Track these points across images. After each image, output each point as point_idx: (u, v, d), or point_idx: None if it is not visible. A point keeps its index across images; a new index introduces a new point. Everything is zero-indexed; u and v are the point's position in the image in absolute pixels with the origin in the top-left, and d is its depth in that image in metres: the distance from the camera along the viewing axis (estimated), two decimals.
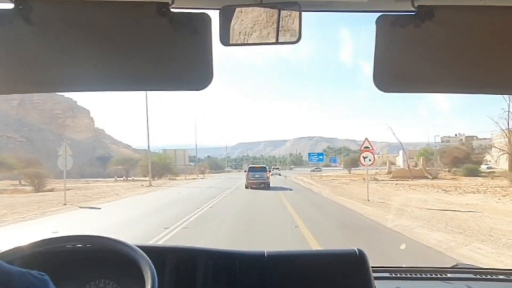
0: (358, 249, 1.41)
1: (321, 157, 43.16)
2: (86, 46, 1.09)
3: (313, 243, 8.19)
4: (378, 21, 1.11)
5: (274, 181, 30.09)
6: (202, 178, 49.48)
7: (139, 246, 1.20)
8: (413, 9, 1.10)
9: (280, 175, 51.67)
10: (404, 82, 1.15)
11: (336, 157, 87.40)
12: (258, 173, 26.27)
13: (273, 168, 56.43)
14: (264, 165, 30.74)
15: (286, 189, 25.16)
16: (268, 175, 26.85)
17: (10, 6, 1.06)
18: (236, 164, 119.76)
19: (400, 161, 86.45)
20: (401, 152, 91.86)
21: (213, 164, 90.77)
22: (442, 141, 65.60)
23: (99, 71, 1.11)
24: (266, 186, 25.49)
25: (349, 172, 57.37)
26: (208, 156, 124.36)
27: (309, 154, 45.08)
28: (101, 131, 79.86)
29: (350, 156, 70.95)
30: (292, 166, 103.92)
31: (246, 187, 25.37)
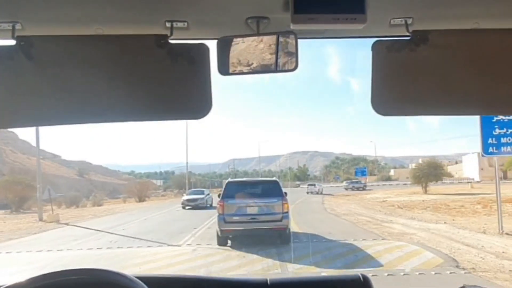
0: (362, 275, 1.40)
1: None
2: (87, 80, 1.11)
3: None
4: (374, 46, 1.12)
5: None
6: None
7: (140, 277, 1.19)
8: (407, 34, 1.12)
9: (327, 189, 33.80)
10: (402, 106, 1.17)
11: (365, 168, 61.24)
12: (254, 201, 10.73)
13: (309, 185, 38.03)
14: (274, 178, 14.17)
15: None
16: (285, 207, 10.70)
17: (12, 42, 1.08)
18: (222, 181, 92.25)
19: (472, 170, 59.12)
20: (470, 157, 63.80)
21: (181, 183, 62.00)
22: None
23: (101, 103, 1.12)
24: (284, 239, 10.78)
25: (425, 191, 31.32)
26: (190, 172, 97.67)
27: None
28: (11, 134, 53.16)
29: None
30: (298, 182, 76.00)
31: (220, 244, 11.03)
